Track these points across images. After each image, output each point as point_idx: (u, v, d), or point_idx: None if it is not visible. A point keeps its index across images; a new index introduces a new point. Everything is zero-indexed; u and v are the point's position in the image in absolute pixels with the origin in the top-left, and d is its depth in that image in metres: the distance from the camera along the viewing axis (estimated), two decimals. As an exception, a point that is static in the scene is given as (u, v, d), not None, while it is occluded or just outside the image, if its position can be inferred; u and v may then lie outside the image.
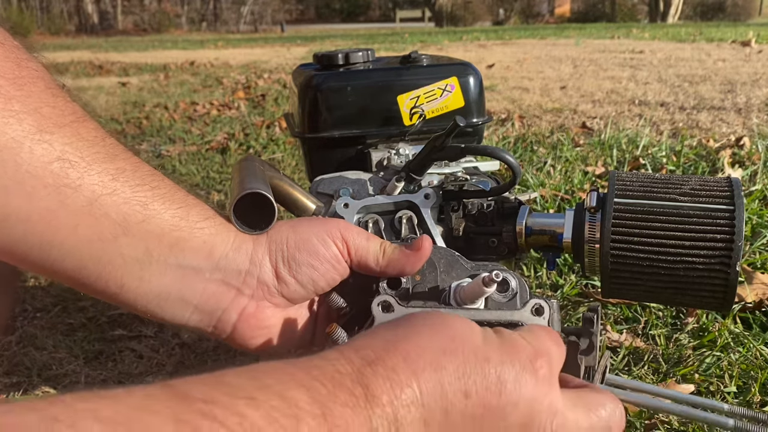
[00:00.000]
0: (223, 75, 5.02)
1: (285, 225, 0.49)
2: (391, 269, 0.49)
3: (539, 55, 5.49)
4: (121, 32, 24.75)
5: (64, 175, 0.40)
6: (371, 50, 0.81)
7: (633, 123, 2.37)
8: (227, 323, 0.48)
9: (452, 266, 0.52)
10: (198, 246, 0.45)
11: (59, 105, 0.42)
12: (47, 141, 0.40)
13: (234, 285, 0.47)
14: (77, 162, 0.41)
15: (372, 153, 0.76)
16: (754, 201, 1.34)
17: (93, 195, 0.41)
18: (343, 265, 0.49)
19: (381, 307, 0.44)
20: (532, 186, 1.52)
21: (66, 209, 0.41)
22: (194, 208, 0.46)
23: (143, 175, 0.44)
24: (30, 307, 1.10)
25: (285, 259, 0.48)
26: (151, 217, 0.43)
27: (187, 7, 29.08)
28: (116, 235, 0.42)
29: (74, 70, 5.90)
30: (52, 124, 0.40)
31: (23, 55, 0.42)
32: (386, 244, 0.50)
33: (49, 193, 0.40)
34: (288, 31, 21.64)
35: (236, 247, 0.47)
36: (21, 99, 0.39)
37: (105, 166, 0.42)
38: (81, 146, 0.42)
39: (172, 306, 0.46)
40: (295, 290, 0.48)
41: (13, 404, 0.23)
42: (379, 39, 10.09)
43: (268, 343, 0.49)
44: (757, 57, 4.41)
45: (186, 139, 2.44)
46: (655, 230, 0.58)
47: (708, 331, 0.90)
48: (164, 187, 0.45)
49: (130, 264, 0.43)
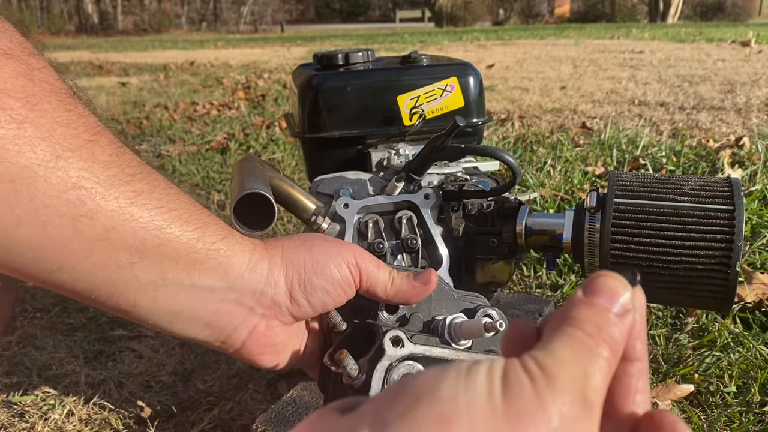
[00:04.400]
0: (223, 75, 5.02)
1: (301, 246, 0.49)
2: (397, 299, 0.51)
3: (539, 55, 5.49)
4: (121, 32, 24.75)
5: (80, 204, 0.39)
6: (371, 50, 0.81)
7: (633, 123, 2.37)
8: (237, 340, 0.48)
9: (443, 296, 0.54)
10: (213, 267, 0.45)
11: (73, 122, 0.40)
12: (62, 168, 0.38)
13: (247, 305, 0.47)
14: (93, 188, 0.40)
15: (372, 153, 0.76)
16: (753, 201, 1.34)
17: (110, 222, 0.40)
18: (353, 290, 0.50)
19: (392, 342, 0.46)
20: (532, 186, 1.52)
21: (81, 237, 0.40)
22: (210, 228, 0.46)
23: (160, 195, 0.43)
24: (30, 307, 1.10)
25: (301, 282, 0.48)
26: (169, 241, 0.43)
27: (187, 7, 29.07)
28: (132, 261, 0.42)
29: (74, 70, 5.89)
30: (67, 148, 0.39)
31: (35, 63, 0.40)
32: (395, 273, 0.51)
33: (64, 222, 0.39)
34: (288, 31, 21.63)
35: (252, 268, 0.47)
36: (34, 121, 0.38)
37: (122, 189, 0.41)
38: (97, 170, 0.40)
39: (183, 323, 0.46)
40: (305, 311, 0.49)
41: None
42: (379, 39, 10.09)
43: (275, 359, 0.51)
44: (757, 57, 4.41)
45: (186, 139, 2.44)
46: (655, 230, 0.58)
47: (708, 331, 0.90)
48: (181, 207, 0.44)
49: (144, 286, 0.43)
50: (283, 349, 0.51)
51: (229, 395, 0.83)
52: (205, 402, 0.83)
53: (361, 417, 0.20)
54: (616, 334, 0.22)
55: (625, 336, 0.23)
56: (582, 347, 0.22)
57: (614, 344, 0.22)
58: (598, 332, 0.22)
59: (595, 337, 0.22)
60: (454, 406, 0.19)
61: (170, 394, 0.85)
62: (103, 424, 0.79)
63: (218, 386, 0.85)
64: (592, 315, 0.22)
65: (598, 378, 0.21)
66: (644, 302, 0.24)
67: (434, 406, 0.19)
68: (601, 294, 0.23)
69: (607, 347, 0.22)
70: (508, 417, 0.19)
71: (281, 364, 0.51)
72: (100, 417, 0.80)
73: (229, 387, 0.85)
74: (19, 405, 0.83)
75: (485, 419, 0.19)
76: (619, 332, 0.23)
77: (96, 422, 0.80)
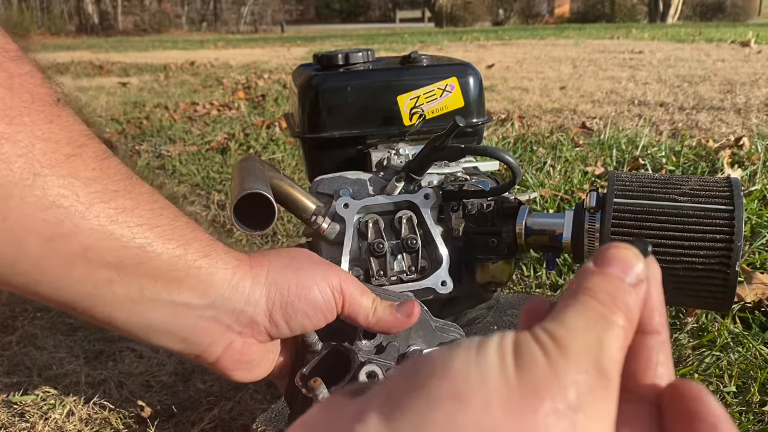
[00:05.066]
0: (223, 75, 5.02)
1: (288, 266, 0.48)
2: (377, 328, 0.50)
3: (539, 55, 5.49)
4: (122, 32, 24.75)
5: (58, 223, 0.37)
6: (371, 50, 0.81)
7: (632, 123, 2.37)
8: (212, 354, 0.48)
9: (421, 325, 0.53)
10: (194, 284, 0.44)
11: (54, 135, 0.38)
12: (40, 186, 0.36)
13: (225, 322, 0.47)
14: (72, 206, 0.38)
15: (372, 153, 0.76)
16: (753, 201, 1.34)
17: (88, 241, 0.39)
18: (333, 315, 0.50)
19: (367, 376, 0.46)
20: (532, 186, 1.53)
21: (58, 255, 0.38)
22: (193, 245, 0.44)
23: (142, 212, 0.42)
24: (30, 307, 1.11)
25: (283, 304, 0.47)
26: (150, 260, 0.42)
27: (187, 8, 29.07)
28: (111, 279, 0.41)
29: (74, 71, 5.90)
30: (46, 164, 0.37)
31: (17, 69, 0.38)
32: (378, 301, 0.51)
33: (40, 242, 0.37)
34: (288, 32, 21.63)
35: (233, 286, 0.46)
36: (11, 137, 0.36)
37: (103, 207, 0.39)
38: (77, 187, 0.38)
39: (159, 336, 0.45)
40: (283, 332, 0.48)
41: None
42: (378, 39, 10.09)
43: (248, 375, 0.51)
44: (757, 57, 4.41)
45: (186, 139, 2.44)
46: (655, 230, 0.58)
47: (707, 330, 0.90)
48: (164, 224, 0.43)
49: (121, 302, 0.42)
50: (257, 365, 0.51)
51: (229, 395, 0.83)
52: (206, 402, 0.83)
53: (372, 398, 0.20)
54: (631, 303, 0.22)
55: (640, 306, 0.22)
56: (596, 315, 0.21)
57: (630, 312, 0.22)
58: (612, 300, 0.21)
59: (609, 305, 0.21)
60: (467, 382, 0.19)
61: (170, 394, 0.85)
62: (104, 424, 0.79)
63: (218, 386, 0.86)
64: (605, 284, 0.22)
65: (614, 346, 0.21)
66: (659, 273, 0.24)
67: (446, 383, 0.19)
68: (613, 264, 0.22)
69: (622, 315, 0.21)
70: (522, 389, 0.19)
71: (253, 378, 0.51)
72: (101, 417, 0.81)
73: (229, 387, 0.85)
74: (19, 405, 0.83)
75: (499, 393, 0.19)
76: (633, 301, 0.22)
77: (96, 422, 0.80)
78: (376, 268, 0.68)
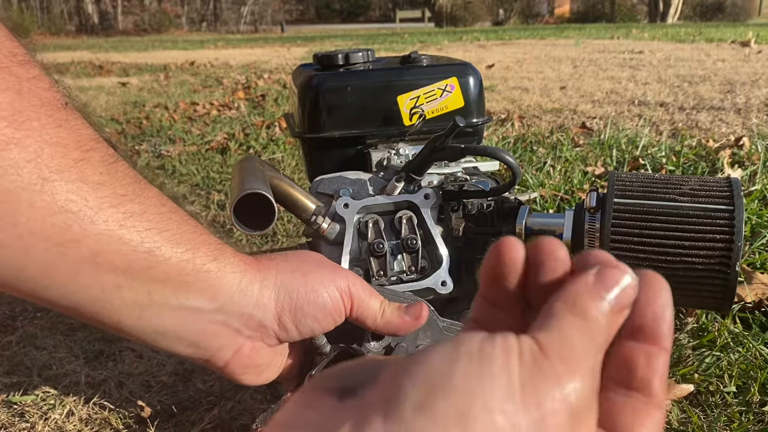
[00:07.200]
0: (223, 75, 5.02)
1: (296, 270, 0.48)
2: (386, 330, 0.51)
3: (539, 55, 5.49)
4: (122, 32, 24.76)
5: (67, 228, 0.37)
6: (371, 50, 0.81)
7: (633, 123, 2.37)
8: (221, 359, 0.48)
9: (429, 325, 0.53)
10: (203, 288, 0.44)
11: (62, 139, 0.38)
12: (48, 191, 0.37)
13: (234, 326, 0.46)
14: (81, 211, 0.38)
15: (372, 153, 0.76)
16: (753, 201, 1.34)
17: (97, 246, 0.39)
18: (342, 318, 0.50)
19: None
20: (532, 186, 1.53)
21: (66, 260, 0.38)
22: (202, 249, 0.44)
23: (151, 216, 0.42)
24: (30, 307, 1.10)
25: (292, 308, 0.47)
26: (158, 264, 0.42)
27: (187, 8, 29.07)
28: (119, 284, 0.41)
29: (74, 71, 5.90)
30: (55, 169, 0.37)
31: (25, 73, 0.37)
32: (386, 303, 0.51)
33: (49, 247, 0.37)
34: (288, 32, 21.64)
35: (242, 290, 0.46)
36: (20, 142, 0.36)
37: (111, 212, 0.39)
38: (86, 192, 0.38)
39: (167, 340, 0.45)
40: (292, 336, 0.48)
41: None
42: (378, 39, 10.09)
43: (257, 378, 0.50)
44: (757, 57, 4.41)
45: (186, 139, 2.44)
46: (655, 230, 0.58)
47: (707, 331, 0.90)
48: (172, 228, 0.43)
49: (129, 306, 0.42)
50: (266, 369, 0.50)
51: (229, 395, 0.83)
52: (206, 402, 0.83)
53: (371, 407, 0.20)
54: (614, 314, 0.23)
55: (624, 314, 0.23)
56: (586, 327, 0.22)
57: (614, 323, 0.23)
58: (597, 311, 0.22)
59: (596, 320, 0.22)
60: (472, 400, 0.19)
61: (170, 394, 0.85)
62: (104, 424, 0.79)
63: (218, 386, 0.86)
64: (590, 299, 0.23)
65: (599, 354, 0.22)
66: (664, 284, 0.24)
67: (451, 402, 0.19)
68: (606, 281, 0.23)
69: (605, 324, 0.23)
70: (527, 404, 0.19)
71: (262, 382, 0.51)
72: (101, 417, 0.81)
73: (229, 387, 0.85)
74: (19, 405, 0.83)
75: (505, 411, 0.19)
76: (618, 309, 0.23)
77: (96, 422, 0.80)
78: (376, 268, 0.68)
